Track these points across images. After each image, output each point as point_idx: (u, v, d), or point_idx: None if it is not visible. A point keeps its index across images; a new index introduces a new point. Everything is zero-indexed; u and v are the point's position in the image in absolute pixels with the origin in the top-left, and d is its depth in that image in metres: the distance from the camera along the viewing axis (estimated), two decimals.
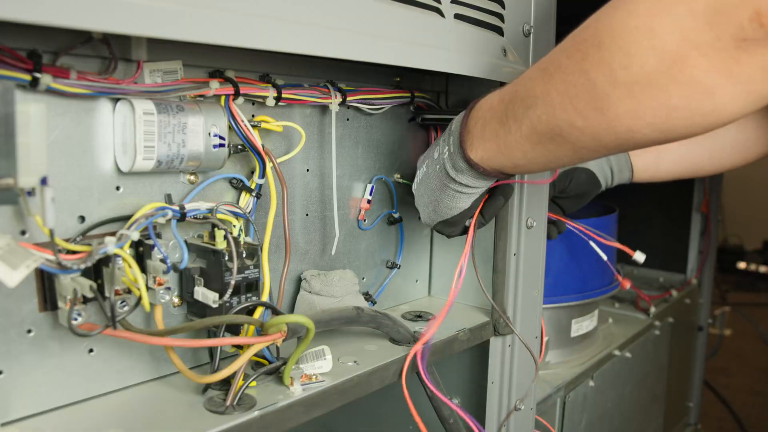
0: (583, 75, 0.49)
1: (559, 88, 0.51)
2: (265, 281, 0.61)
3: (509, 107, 0.58)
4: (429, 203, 0.70)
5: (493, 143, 0.60)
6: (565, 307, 1.13)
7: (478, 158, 0.62)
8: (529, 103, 0.55)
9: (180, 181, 0.59)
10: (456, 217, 0.70)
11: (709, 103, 0.45)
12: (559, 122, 0.52)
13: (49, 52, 0.48)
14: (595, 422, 1.14)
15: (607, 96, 0.48)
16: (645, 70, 0.45)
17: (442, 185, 0.67)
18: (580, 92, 0.49)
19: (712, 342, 1.83)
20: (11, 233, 0.47)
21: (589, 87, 0.49)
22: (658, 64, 0.44)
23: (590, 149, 0.54)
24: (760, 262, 4.45)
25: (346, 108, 0.74)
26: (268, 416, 0.53)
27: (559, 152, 0.56)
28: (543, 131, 0.54)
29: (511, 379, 0.83)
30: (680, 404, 1.69)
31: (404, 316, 0.82)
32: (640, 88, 0.46)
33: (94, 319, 0.52)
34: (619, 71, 0.46)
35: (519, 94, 0.57)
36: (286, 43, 0.50)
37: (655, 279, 1.67)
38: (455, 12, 0.67)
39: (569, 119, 0.51)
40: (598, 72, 0.48)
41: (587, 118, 0.50)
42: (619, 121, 0.48)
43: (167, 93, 0.54)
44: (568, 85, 0.50)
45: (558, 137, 0.54)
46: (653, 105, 0.46)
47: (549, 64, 0.53)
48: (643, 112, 0.47)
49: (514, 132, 0.57)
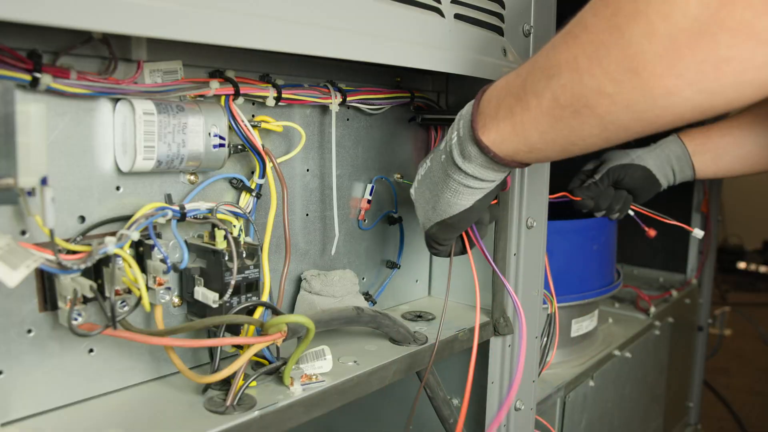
0: (615, 31, 0.43)
1: (586, 50, 0.45)
2: (265, 281, 0.61)
3: (528, 80, 0.52)
4: (429, 199, 0.64)
5: (508, 123, 0.54)
6: (565, 307, 1.13)
7: (490, 141, 0.55)
8: (552, 72, 0.49)
9: (180, 181, 0.59)
10: (455, 218, 0.63)
11: (763, 53, 0.39)
12: (585, 90, 0.46)
13: (49, 52, 0.48)
14: (595, 422, 1.14)
15: (643, 53, 0.42)
16: (689, 18, 0.39)
17: (445, 177, 0.61)
18: (612, 51, 0.44)
19: (712, 342, 1.83)
20: (11, 233, 0.47)
21: (622, 44, 0.43)
22: (702, 8, 0.39)
23: (620, 124, 0.47)
24: (760, 262, 4.45)
25: (346, 108, 0.74)
26: (268, 416, 0.53)
27: (583, 129, 0.49)
28: (567, 103, 0.48)
29: (511, 379, 0.84)
30: (680, 404, 1.69)
31: (404, 316, 0.82)
32: (683, 39, 0.40)
33: (94, 319, 0.52)
34: (658, 22, 0.41)
35: (539, 64, 0.51)
36: (286, 43, 0.50)
37: (655, 279, 1.67)
38: (455, 12, 0.67)
39: (598, 85, 0.45)
40: (633, 25, 0.42)
41: (620, 82, 0.44)
42: (657, 82, 0.42)
43: (167, 93, 0.54)
44: (597, 45, 0.45)
45: (584, 109, 0.47)
46: (698, 59, 0.40)
47: (574, 26, 0.48)
48: (686, 68, 0.41)
49: (533, 108, 0.51)
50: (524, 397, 0.86)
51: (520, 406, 0.85)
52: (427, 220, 0.66)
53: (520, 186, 0.79)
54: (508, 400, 0.82)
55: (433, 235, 0.67)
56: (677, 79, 0.42)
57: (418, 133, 0.86)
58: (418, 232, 0.89)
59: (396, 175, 0.84)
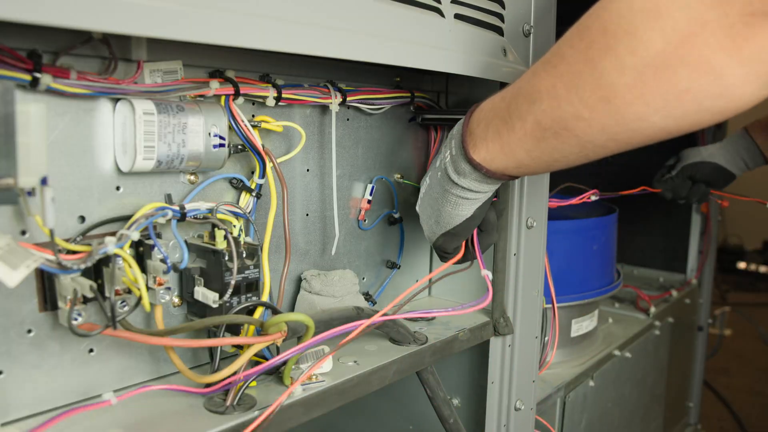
0: (588, 63, 0.48)
1: (564, 80, 0.50)
2: (265, 281, 0.61)
3: (512, 104, 0.57)
4: (431, 214, 0.68)
5: (497, 143, 0.58)
6: (565, 307, 1.13)
7: (481, 158, 0.60)
8: (534, 98, 0.54)
9: (180, 181, 0.59)
10: (458, 228, 0.67)
11: (717, 85, 0.43)
12: (564, 115, 0.51)
13: (49, 52, 0.48)
14: (595, 422, 1.14)
15: (613, 84, 0.46)
16: (652, 53, 0.44)
17: (443, 192, 0.65)
18: (586, 82, 0.48)
19: (712, 342, 1.83)
20: (11, 233, 0.47)
21: (595, 75, 0.47)
22: (665, 45, 0.43)
23: (597, 144, 0.52)
24: (760, 262, 4.45)
25: (346, 108, 0.74)
26: (268, 416, 0.53)
27: (564, 148, 0.54)
28: (547, 126, 0.53)
29: (511, 379, 0.84)
30: (680, 404, 1.69)
31: None
32: (649, 73, 0.44)
33: (94, 319, 0.52)
34: (626, 56, 0.45)
35: (523, 90, 0.56)
36: (286, 43, 0.50)
37: (655, 279, 1.67)
38: (455, 12, 0.67)
39: (575, 111, 0.50)
40: (604, 59, 0.46)
41: (594, 109, 0.49)
42: (627, 109, 0.47)
43: (167, 93, 0.54)
44: (573, 75, 0.49)
45: (563, 131, 0.52)
46: (662, 89, 0.45)
47: (552, 56, 0.52)
48: (652, 97, 0.45)
49: (518, 129, 0.56)
50: (524, 397, 0.86)
51: (520, 406, 0.85)
52: (432, 233, 0.70)
53: (520, 186, 0.79)
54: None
55: (441, 246, 0.70)
56: (645, 107, 0.46)
57: (418, 133, 0.86)
58: (419, 232, 0.89)
59: (396, 175, 0.84)
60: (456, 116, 0.81)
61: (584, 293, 1.16)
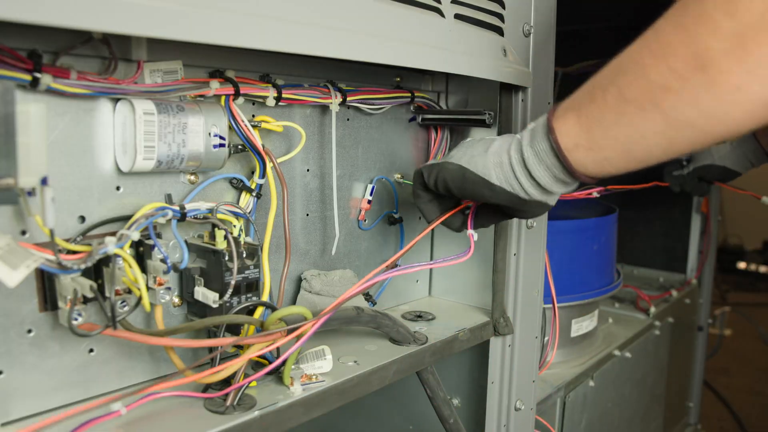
0: (680, 29, 0.45)
1: (652, 48, 0.47)
2: (265, 281, 0.61)
3: (598, 76, 0.53)
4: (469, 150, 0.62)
5: (573, 114, 0.53)
6: (565, 307, 1.13)
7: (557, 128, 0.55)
8: (619, 69, 0.50)
9: (180, 181, 0.59)
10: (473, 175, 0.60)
11: None
12: (651, 86, 0.47)
13: (49, 52, 0.48)
14: (595, 422, 1.14)
15: (709, 50, 0.43)
16: (754, 14, 0.41)
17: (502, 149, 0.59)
18: (677, 49, 0.45)
19: (712, 342, 1.83)
20: (11, 233, 0.47)
21: (687, 42, 0.44)
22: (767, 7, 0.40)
23: (685, 122, 0.47)
24: (760, 262, 4.45)
25: (346, 108, 0.74)
26: (268, 416, 0.53)
27: (646, 128, 0.49)
28: (631, 98, 0.49)
29: (511, 379, 0.84)
30: (680, 404, 1.69)
31: (404, 316, 0.82)
32: (750, 36, 0.41)
33: (94, 319, 0.52)
34: (724, 20, 0.42)
35: (611, 64, 0.52)
36: (286, 43, 0.50)
37: (655, 279, 1.67)
38: (455, 12, 0.67)
39: (664, 82, 0.46)
40: (698, 24, 0.43)
41: (685, 78, 0.45)
42: (723, 78, 0.43)
43: (167, 93, 0.54)
44: (663, 44, 0.46)
45: (648, 105, 0.48)
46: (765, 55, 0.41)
47: (647, 32, 0.49)
48: (755, 64, 0.41)
49: (598, 100, 0.51)
50: (524, 397, 0.86)
51: (520, 406, 0.85)
52: (451, 157, 0.63)
53: None
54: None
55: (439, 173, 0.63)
56: (746, 75, 0.42)
57: (418, 133, 0.86)
58: (419, 233, 0.89)
59: (396, 175, 0.84)
60: (456, 116, 0.82)
61: (584, 293, 1.16)
